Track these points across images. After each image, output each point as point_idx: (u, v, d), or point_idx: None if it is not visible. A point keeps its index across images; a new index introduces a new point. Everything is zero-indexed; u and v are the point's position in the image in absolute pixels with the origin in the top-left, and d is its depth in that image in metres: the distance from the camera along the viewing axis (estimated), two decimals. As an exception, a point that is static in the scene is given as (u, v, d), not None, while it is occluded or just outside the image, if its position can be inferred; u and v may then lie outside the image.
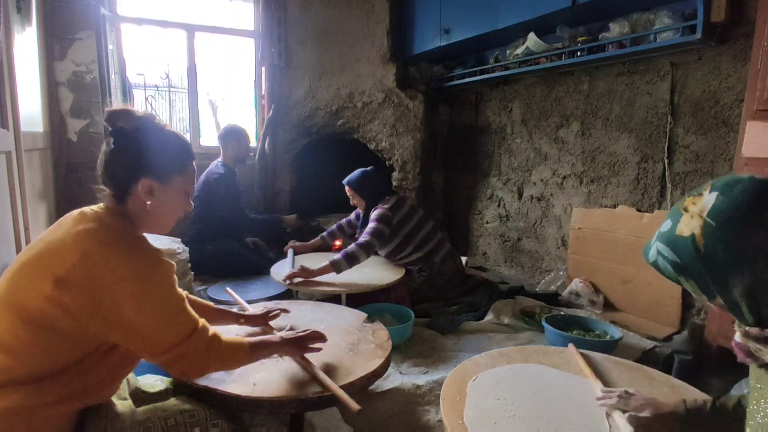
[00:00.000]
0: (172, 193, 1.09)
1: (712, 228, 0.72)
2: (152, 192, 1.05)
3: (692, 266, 0.76)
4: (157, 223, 1.10)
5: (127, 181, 1.03)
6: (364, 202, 2.65)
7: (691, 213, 0.75)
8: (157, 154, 1.05)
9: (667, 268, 0.81)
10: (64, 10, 3.00)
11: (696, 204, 0.75)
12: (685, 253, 0.76)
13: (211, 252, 3.00)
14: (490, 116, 3.52)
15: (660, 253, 0.81)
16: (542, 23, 2.59)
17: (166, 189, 1.07)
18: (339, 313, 1.76)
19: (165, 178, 1.06)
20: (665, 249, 0.80)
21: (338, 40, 3.72)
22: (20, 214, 2.11)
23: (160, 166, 1.05)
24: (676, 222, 0.78)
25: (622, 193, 2.58)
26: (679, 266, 0.78)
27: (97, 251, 0.93)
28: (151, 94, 6.47)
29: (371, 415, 1.58)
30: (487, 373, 1.26)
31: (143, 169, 1.03)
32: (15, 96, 2.12)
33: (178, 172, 1.09)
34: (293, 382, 1.22)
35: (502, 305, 2.41)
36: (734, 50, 2.04)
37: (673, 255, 0.78)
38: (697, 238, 0.74)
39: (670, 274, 0.81)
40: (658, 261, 0.82)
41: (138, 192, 1.04)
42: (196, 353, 1.02)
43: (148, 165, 1.04)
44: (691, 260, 0.76)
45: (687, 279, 0.79)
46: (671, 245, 0.78)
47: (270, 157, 3.80)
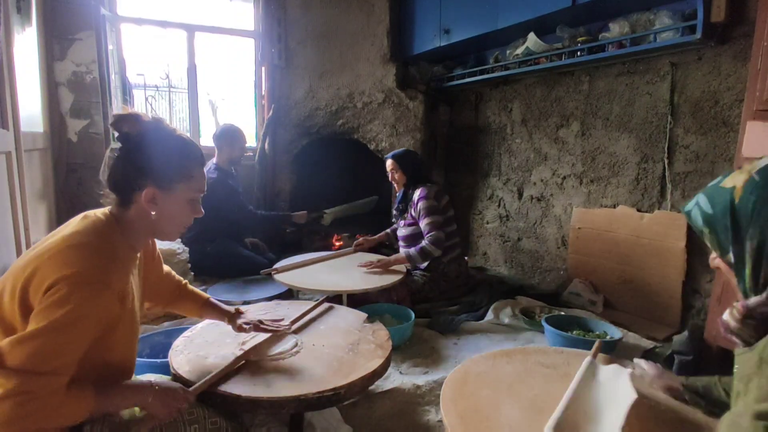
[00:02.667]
0: (175, 201, 1.05)
1: (754, 182, 0.74)
2: (155, 201, 1.02)
3: (721, 216, 0.77)
4: (161, 230, 1.09)
5: (130, 189, 1.01)
6: (405, 177, 2.72)
7: (744, 170, 0.78)
8: (160, 162, 1.02)
9: (697, 218, 0.83)
10: (64, 10, 3.00)
11: (752, 164, 0.77)
12: (720, 203, 0.78)
13: (210, 253, 3.00)
14: (490, 116, 3.52)
15: (697, 203, 0.83)
16: (542, 23, 2.59)
17: (168, 197, 1.04)
18: (339, 313, 1.76)
19: (168, 186, 1.03)
20: (704, 199, 0.82)
21: (338, 40, 3.72)
22: (20, 214, 2.11)
23: (164, 173, 1.02)
24: (726, 176, 0.80)
25: (622, 193, 2.58)
26: (708, 217, 0.80)
27: (64, 250, 0.91)
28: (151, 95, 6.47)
29: (371, 415, 1.58)
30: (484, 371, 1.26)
31: (145, 176, 1.01)
32: (15, 96, 2.12)
33: (182, 179, 1.05)
34: (293, 382, 1.22)
35: (502, 305, 2.41)
36: (734, 50, 2.04)
37: (708, 205, 0.80)
38: (737, 189, 0.76)
39: (697, 224, 0.83)
40: (692, 210, 0.84)
41: (141, 200, 1.01)
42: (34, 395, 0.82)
43: (152, 173, 1.01)
44: (722, 210, 0.77)
45: (711, 231, 0.80)
46: (711, 195, 0.81)
47: (270, 157, 3.80)
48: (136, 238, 1.07)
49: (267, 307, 1.82)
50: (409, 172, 2.71)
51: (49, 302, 0.85)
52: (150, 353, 1.75)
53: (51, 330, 0.84)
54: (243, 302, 2.40)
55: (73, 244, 0.93)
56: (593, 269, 2.67)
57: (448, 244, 2.61)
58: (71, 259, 0.90)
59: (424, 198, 2.56)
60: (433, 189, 2.63)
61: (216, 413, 1.12)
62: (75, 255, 0.91)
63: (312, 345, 1.45)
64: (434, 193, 2.61)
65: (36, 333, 0.84)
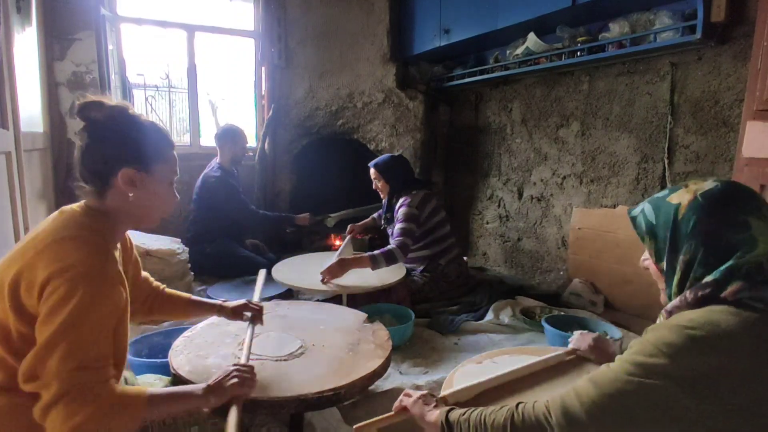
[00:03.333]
0: (156, 182, 1.03)
1: (698, 204, 0.81)
2: (133, 182, 0.99)
3: (663, 229, 0.86)
4: (142, 216, 1.05)
5: (106, 174, 0.98)
6: (388, 186, 2.64)
7: (689, 189, 0.84)
8: (136, 142, 1.00)
9: (641, 226, 0.91)
10: (64, 10, 3.00)
11: (697, 185, 0.84)
12: (663, 216, 0.86)
13: (209, 254, 3.00)
14: (490, 116, 3.52)
15: (643, 212, 0.91)
16: (542, 23, 2.59)
17: (148, 178, 1.01)
18: (339, 313, 1.76)
19: (146, 166, 1.00)
20: (649, 209, 0.89)
21: (338, 40, 3.72)
22: (20, 214, 2.11)
23: (140, 154, 1.00)
24: (672, 192, 0.87)
25: (622, 193, 2.58)
26: (651, 226, 0.88)
27: (49, 246, 0.88)
28: (151, 95, 6.46)
29: (371, 415, 1.57)
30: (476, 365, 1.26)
31: (122, 158, 0.98)
32: (15, 96, 2.12)
33: (160, 159, 1.03)
34: (293, 382, 1.22)
35: (502, 305, 2.41)
36: (734, 50, 2.04)
37: (653, 216, 0.88)
38: (681, 207, 0.83)
39: (641, 230, 0.92)
40: (638, 217, 0.92)
41: (118, 184, 0.98)
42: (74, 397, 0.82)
43: (127, 154, 0.98)
44: (664, 223, 0.85)
45: (651, 239, 0.89)
46: (656, 208, 0.88)
47: (270, 157, 3.80)
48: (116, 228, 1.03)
49: (267, 307, 1.82)
50: (393, 181, 2.62)
51: (52, 303, 0.83)
52: (149, 353, 1.75)
53: (67, 328, 0.82)
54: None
55: (59, 239, 0.90)
56: (593, 269, 2.66)
57: (443, 246, 2.60)
58: (61, 254, 0.87)
59: (405, 205, 2.51)
60: (418, 196, 2.55)
61: (216, 414, 1.12)
62: (64, 249, 0.89)
63: (312, 345, 1.45)
64: (418, 200, 2.53)
65: (54, 337, 0.82)
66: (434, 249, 2.59)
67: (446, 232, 2.64)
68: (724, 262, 0.77)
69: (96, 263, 0.90)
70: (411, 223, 2.44)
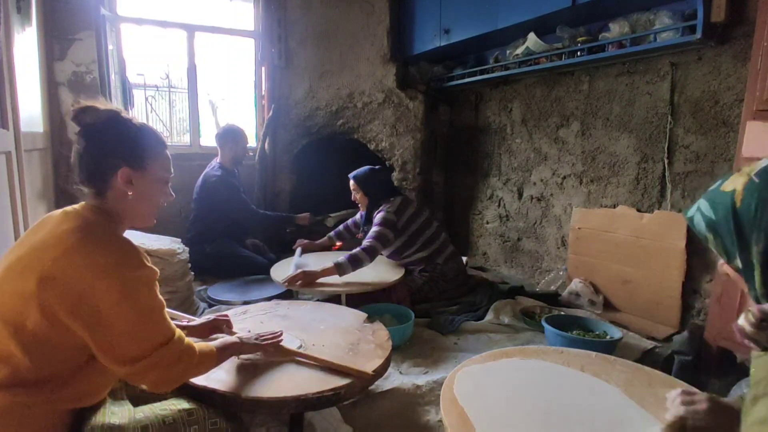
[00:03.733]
0: (150, 180, 1.08)
1: (754, 184, 0.71)
2: (131, 181, 1.04)
3: (724, 221, 0.75)
4: (139, 213, 1.10)
5: (105, 174, 1.03)
6: (366, 199, 2.64)
7: (743, 172, 0.75)
8: (131, 143, 1.05)
9: (700, 224, 0.80)
10: (64, 10, 3.00)
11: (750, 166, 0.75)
12: (721, 208, 0.75)
13: (209, 254, 3.00)
14: (490, 116, 3.52)
15: (699, 209, 0.80)
16: (542, 23, 2.59)
17: (143, 176, 1.06)
18: (339, 313, 1.77)
19: (141, 165, 1.06)
20: (705, 205, 0.79)
21: (338, 40, 3.72)
22: (20, 214, 2.11)
23: (135, 153, 1.05)
24: (725, 180, 0.78)
25: (622, 193, 2.58)
26: (711, 222, 0.77)
27: (79, 246, 0.93)
28: (151, 94, 6.46)
29: (371, 415, 1.58)
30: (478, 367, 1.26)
31: (119, 159, 1.03)
32: (15, 96, 2.12)
33: (153, 158, 1.09)
34: (293, 382, 1.22)
35: (502, 305, 2.41)
36: (734, 50, 2.04)
37: (710, 210, 0.77)
38: (737, 192, 0.73)
39: (701, 230, 0.80)
40: (695, 216, 0.81)
41: (117, 183, 1.03)
42: (167, 365, 0.99)
43: (123, 154, 1.04)
44: (724, 215, 0.74)
45: (715, 236, 0.77)
46: (712, 200, 0.78)
47: (270, 157, 3.80)
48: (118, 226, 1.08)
49: (267, 307, 1.82)
50: (372, 194, 2.62)
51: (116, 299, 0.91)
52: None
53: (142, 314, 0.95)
54: (243, 302, 2.40)
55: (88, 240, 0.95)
56: (593, 269, 2.67)
57: (437, 245, 2.60)
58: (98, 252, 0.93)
59: (383, 211, 2.51)
60: (396, 202, 2.55)
61: (216, 413, 1.12)
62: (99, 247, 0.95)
63: (312, 345, 1.45)
64: (396, 206, 2.52)
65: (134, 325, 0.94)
66: (429, 249, 2.59)
67: (435, 230, 2.63)
68: None
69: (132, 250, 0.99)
70: (385, 228, 2.43)
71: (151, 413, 1.04)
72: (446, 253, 2.63)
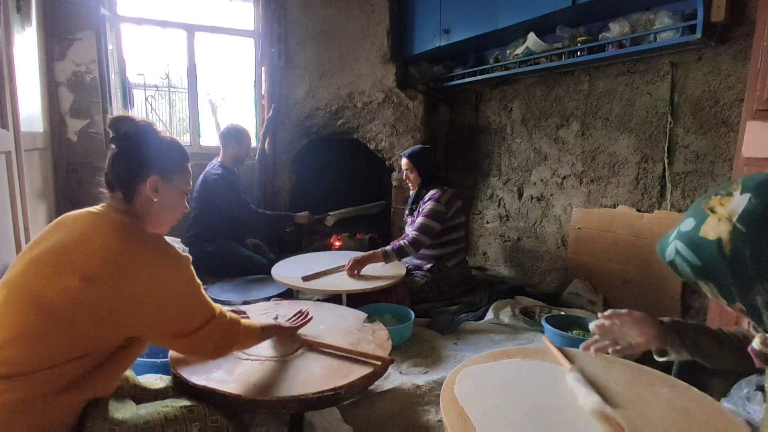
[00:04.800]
0: (174, 190, 1.16)
1: (742, 233, 0.68)
2: (157, 189, 1.12)
3: (715, 270, 0.72)
4: (161, 221, 1.16)
5: (135, 180, 1.10)
6: (420, 179, 2.64)
7: (719, 215, 0.71)
8: (161, 154, 1.14)
9: (686, 270, 0.77)
10: (64, 10, 3.00)
11: (724, 205, 0.71)
12: (709, 257, 0.72)
13: (209, 253, 3.00)
14: (490, 116, 3.52)
15: (679, 253, 0.77)
16: (542, 23, 2.59)
17: (169, 186, 1.14)
18: (339, 313, 1.77)
19: (168, 175, 1.14)
20: (685, 250, 0.75)
21: (338, 40, 3.72)
22: (20, 214, 2.11)
23: (164, 164, 1.14)
24: (700, 223, 0.73)
25: (622, 193, 2.58)
26: (699, 269, 0.74)
27: (125, 248, 0.99)
28: (151, 94, 6.47)
29: (371, 415, 1.58)
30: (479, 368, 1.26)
31: (150, 167, 1.11)
32: (15, 96, 2.12)
33: (179, 170, 1.18)
34: (293, 382, 1.22)
35: (502, 305, 2.41)
36: (734, 50, 2.04)
37: (694, 257, 0.74)
38: (724, 242, 0.69)
39: (688, 275, 0.77)
40: (676, 260, 0.78)
41: (145, 190, 1.10)
42: (219, 335, 1.12)
43: (154, 163, 1.12)
44: (715, 264, 0.71)
45: (707, 282, 0.75)
46: (693, 247, 0.74)
47: (270, 156, 3.80)
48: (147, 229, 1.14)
49: (267, 307, 1.82)
50: (424, 172, 2.61)
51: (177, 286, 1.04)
52: (149, 353, 1.75)
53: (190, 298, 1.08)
54: (243, 302, 2.40)
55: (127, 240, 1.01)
56: (593, 269, 2.67)
57: (454, 248, 2.60)
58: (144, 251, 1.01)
59: (434, 199, 2.49)
60: (448, 193, 2.54)
61: (217, 411, 1.13)
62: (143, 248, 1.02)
63: (312, 345, 1.45)
64: (447, 197, 2.52)
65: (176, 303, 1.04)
66: (445, 249, 2.59)
67: (461, 235, 2.65)
68: None
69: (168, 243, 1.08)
70: (434, 220, 2.45)
71: (153, 410, 1.06)
72: (457, 259, 2.63)
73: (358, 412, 1.58)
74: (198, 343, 1.08)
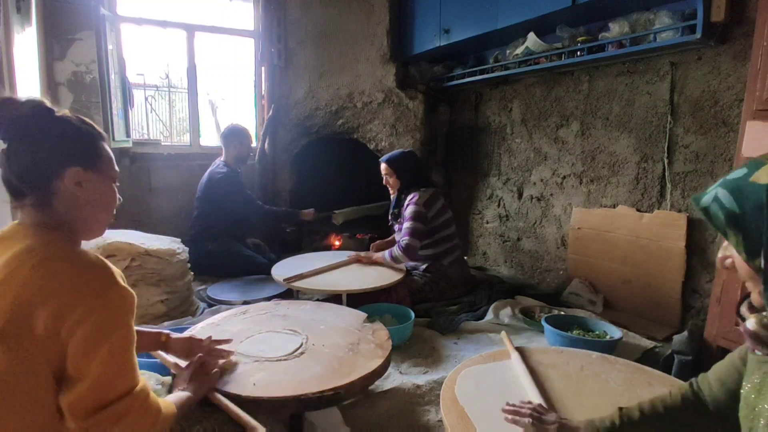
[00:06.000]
0: (101, 179, 0.92)
1: None
2: (80, 183, 0.88)
3: (752, 217, 0.69)
4: (92, 221, 0.93)
5: (48, 177, 0.85)
6: (399, 183, 2.64)
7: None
8: (74, 138, 0.88)
9: (719, 217, 0.73)
10: (64, 10, 3.00)
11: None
12: (751, 202, 0.69)
13: (211, 252, 3.01)
14: (490, 116, 3.52)
15: (717, 199, 0.73)
16: (542, 23, 2.59)
17: (94, 176, 0.90)
18: (339, 313, 1.77)
19: (91, 163, 0.90)
20: (727, 196, 0.72)
21: (338, 40, 3.72)
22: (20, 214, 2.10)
23: (82, 150, 0.89)
24: (754, 169, 0.70)
25: (621, 193, 2.58)
26: (735, 216, 0.71)
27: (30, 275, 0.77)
28: (151, 94, 6.47)
29: (371, 415, 1.58)
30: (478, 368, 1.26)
31: (64, 157, 0.86)
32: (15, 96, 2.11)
33: (100, 155, 0.93)
34: (293, 382, 1.22)
35: (502, 305, 2.41)
36: (734, 50, 2.04)
37: (734, 203, 0.71)
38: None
39: (719, 222, 0.74)
40: (711, 207, 0.74)
41: (64, 188, 0.86)
42: (131, 416, 0.83)
43: (68, 151, 0.87)
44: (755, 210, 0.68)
45: (737, 231, 0.71)
46: (738, 192, 0.71)
47: (270, 157, 3.80)
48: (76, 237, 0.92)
49: (267, 307, 1.82)
50: (404, 177, 2.61)
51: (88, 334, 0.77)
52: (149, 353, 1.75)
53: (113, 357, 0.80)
54: (243, 302, 2.40)
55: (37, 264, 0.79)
56: (593, 269, 2.67)
57: (447, 246, 2.60)
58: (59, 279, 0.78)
59: (413, 203, 2.50)
60: (426, 194, 2.55)
61: (217, 412, 1.12)
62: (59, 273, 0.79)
63: (312, 345, 1.45)
64: (426, 198, 2.52)
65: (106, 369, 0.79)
66: (438, 248, 2.59)
67: (451, 232, 2.64)
68: None
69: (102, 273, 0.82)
70: (418, 222, 2.45)
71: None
72: (453, 257, 2.63)
73: (358, 412, 1.58)
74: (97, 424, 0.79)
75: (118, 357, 0.81)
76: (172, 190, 3.56)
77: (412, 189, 2.58)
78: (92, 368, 0.78)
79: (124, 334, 0.83)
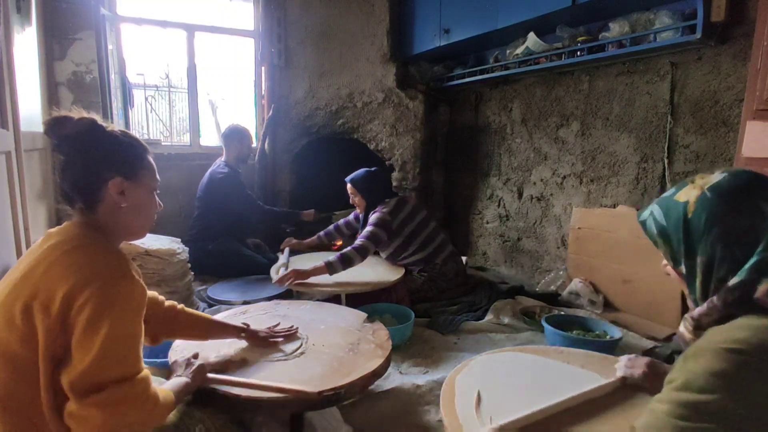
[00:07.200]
0: (143, 189, 1.03)
1: (706, 198, 0.76)
2: (123, 192, 0.98)
3: (674, 230, 0.80)
4: (134, 226, 1.04)
5: (95, 186, 0.97)
6: (364, 202, 2.63)
7: (696, 185, 0.80)
8: (116, 152, 0.99)
9: (652, 229, 0.86)
10: (64, 10, 3.00)
11: (703, 179, 0.80)
12: (673, 216, 0.80)
13: (212, 252, 3.01)
14: (490, 116, 3.52)
15: (652, 214, 0.86)
16: (542, 23, 2.59)
17: (135, 186, 1.01)
18: (339, 313, 1.76)
19: (132, 174, 1.00)
20: (658, 211, 0.84)
21: (338, 40, 3.72)
22: (20, 214, 2.10)
23: (123, 162, 0.99)
24: (678, 190, 0.83)
25: (622, 192, 2.58)
26: (663, 229, 0.83)
27: (59, 259, 0.88)
28: (150, 94, 6.46)
29: (371, 415, 1.58)
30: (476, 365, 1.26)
31: (109, 168, 0.97)
32: (15, 96, 2.11)
33: (143, 166, 1.03)
34: (293, 382, 1.22)
35: (502, 305, 2.41)
36: (734, 50, 2.04)
37: (663, 218, 0.83)
38: (690, 204, 0.78)
39: (652, 234, 0.86)
40: (647, 221, 0.87)
41: (108, 195, 0.97)
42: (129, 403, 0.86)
43: (114, 163, 0.98)
44: (675, 224, 0.80)
45: (664, 242, 0.83)
46: (665, 208, 0.83)
47: (270, 157, 3.80)
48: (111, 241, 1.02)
49: (267, 307, 1.82)
50: (369, 197, 2.60)
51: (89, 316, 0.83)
52: (150, 353, 1.75)
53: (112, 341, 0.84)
54: (243, 302, 2.40)
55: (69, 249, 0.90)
56: (593, 269, 2.66)
57: (435, 245, 2.60)
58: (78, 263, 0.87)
59: (378, 211, 2.51)
60: (392, 203, 2.55)
61: (217, 412, 1.13)
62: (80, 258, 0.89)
63: (312, 345, 1.45)
64: (391, 207, 2.52)
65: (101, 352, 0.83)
66: (427, 250, 2.59)
67: (432, 231, 2.63)
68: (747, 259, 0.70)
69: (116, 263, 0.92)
70: (379, 228, 2.43)
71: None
72: (445, 254, 2.63)
73: (358, 412, 1.58)
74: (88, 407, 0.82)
75: (118, 340, 0.86)
76: (172, 190, 3.56)
77: (378, 205, 2.57)
78: (94, 345, 0.83)
79: (127, 321, 0.88)
